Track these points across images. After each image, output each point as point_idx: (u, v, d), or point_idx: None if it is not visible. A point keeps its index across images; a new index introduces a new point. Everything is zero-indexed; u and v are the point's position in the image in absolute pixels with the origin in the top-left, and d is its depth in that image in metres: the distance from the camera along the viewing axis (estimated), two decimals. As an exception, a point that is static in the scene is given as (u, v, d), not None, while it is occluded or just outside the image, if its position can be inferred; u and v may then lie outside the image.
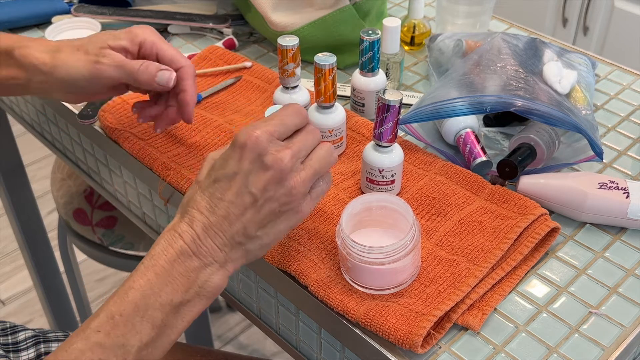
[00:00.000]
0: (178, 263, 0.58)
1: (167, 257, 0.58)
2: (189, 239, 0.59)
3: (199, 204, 0.60)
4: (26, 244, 1.54)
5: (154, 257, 0.59)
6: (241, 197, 0.59)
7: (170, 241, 0.59)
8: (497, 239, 0.69)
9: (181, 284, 0.58)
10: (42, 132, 1.12)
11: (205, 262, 0.59)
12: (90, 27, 1.02)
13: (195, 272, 0.59)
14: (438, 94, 0.78)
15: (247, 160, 0.59)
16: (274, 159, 0.58)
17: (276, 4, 0.92)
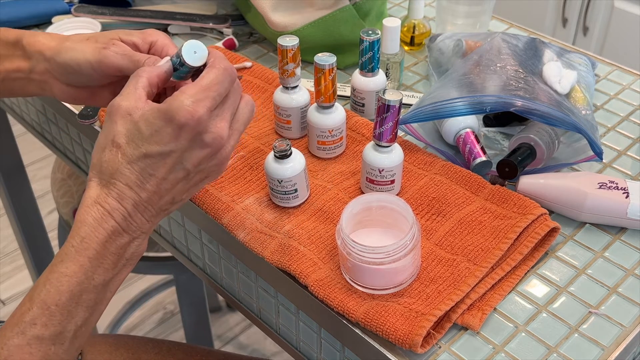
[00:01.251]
0: (109, 243, 0.57)
1: (99, 239, 0.57)
2: (120, 217, 0.57)
3: (128, 178, 0.57)
4: (26, 244, 1.54)
5: (85, 239, 0.57)
6: (174, 174, 0.58)
7: (100, 221, 0.57)
8: (497, 239, 0.69)
9: (112, 262, 0.58)
10: (42, 132, 1.12)
11: (134, 236, 0.59)
12: (90, 27, 1.02)
13: (125, 247, 0.58)
14: (438, 94, 0.78)
15: (185, 139, 0.56)
16: (214, 138, 0.57)
17: (276, 4, 0.92)
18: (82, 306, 0.57)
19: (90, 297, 0.58)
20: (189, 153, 0.57)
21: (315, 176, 0.78)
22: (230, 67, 0.59)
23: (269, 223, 0.72)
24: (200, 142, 0.57)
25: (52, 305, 0.56)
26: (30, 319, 0.56)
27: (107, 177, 0.58)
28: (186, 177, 0.58)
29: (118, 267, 0.59)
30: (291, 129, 0.82)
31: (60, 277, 0.57)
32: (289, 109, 0.81)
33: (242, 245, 0.71)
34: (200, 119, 0.56)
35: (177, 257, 0.94)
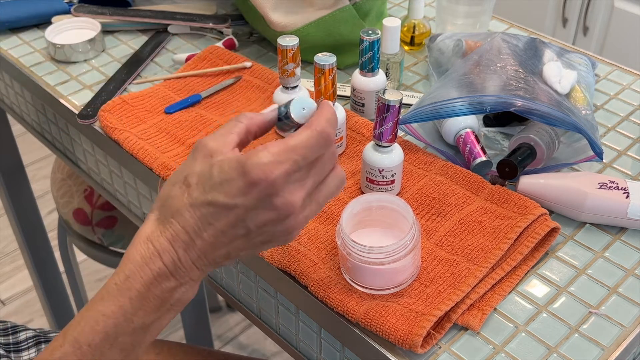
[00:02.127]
0: (154, 285, 0.54)
1: (143, 280, 0.54)
2: (169, 260, 0.54)
3: (187, 221, 0.53)
4: (26, 244, 1.54)
5: (129, 278, 0.54)
6: (234, 229, 0.53)
7: (147, 260, 0.54)
8: (497, 239, 0.69)
9: (155, 306, 0.55)
10: (42, 132, 1.12)
11: (182, 282, 0.55)
12: (90, 27, 1.02)
13: (171, 291, 0.55)
14: (438, 94, 0.78)
15: (254, 198, 0.52)
16: (284, 203, 0.52)
17: (276, 4, 0.92)
18: (116, 348, 0.55)
19: (127, 340, 0.55)
20: (255, 212, 0.52)
21: (315, 176, 0.78)
22: (327, 132, 0.54)
23: (269, 223, 0.72)
24: (269, 203, 0.52)
25: (84, 345, 0.54)
26: (60, 356, 0.54)
27: (167, 215, 0.54)
28: (246, 236, 0.54)
29: (161, 311, 0.55)
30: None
31: (97, 316, 0.54)
32: (289, 109, 0.80)
33: (242, 245, 0.71)
34: (274, 182, 0.51)
35: (177, 257, 0.93)
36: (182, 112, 0.87)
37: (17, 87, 1.10)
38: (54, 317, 1.66)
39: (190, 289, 0.56)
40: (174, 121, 0.86)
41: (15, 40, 1.04)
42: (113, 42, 1.04)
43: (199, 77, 0.93)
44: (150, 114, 0.87)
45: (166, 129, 0.85)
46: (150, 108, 0.88)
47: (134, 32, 1.06)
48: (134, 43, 1.03)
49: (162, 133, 0.84)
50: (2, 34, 1.06)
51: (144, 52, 0.99)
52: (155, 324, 0.56)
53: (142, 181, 0.89)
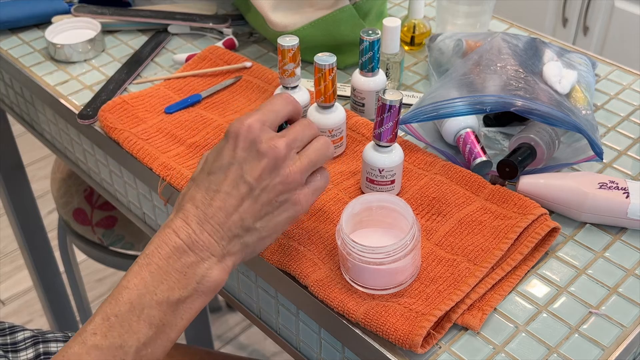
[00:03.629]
0: (173, 259, 0.57)
1: (161, 255, 0.57)
2: (184, 234, 0.58)
3: (194, 197, 0.59)
4: (26, 244, 1.54)
5: (148, 255, 0.58)
6: (237, 187, 0.58)
7: (164, 238, 0.58)
8: (497, 239, 0.69)
9: (177, 280, 0.57)
10: (42, 132, 1.12)
11: (202, 257, 0.58)
12: (90, 27, 1.02)
13: (193, 267, 0.58)
14: (438, 94, 0.78)
15: (242, 149, 0.58)
16: (268, 147, 0.58)
17: (276, 4, 0.92)
18: (144, 322, 0.56)
19: (154, 314, 0.57)
20: (247, 164, 0.58)
21: (315, 176, 0.78)
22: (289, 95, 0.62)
23: (269, 223, 0.72)
24: (255, 151, 0.58)
25: (112, 316, 0.56)
26: (92, 329, 0.56)
27: (179, 203, 0.60)
28: (250, 193, 0.58)
29: (188, 289, 0.57)
30: (291, 129, 0.82)
31: (121, 289, 0.57)
32: (289, 109, 0.80)
33: (242, 245, 0.71)
34: (250, 127, 0.58)
35: (177, 257, 0.93)
36: (182, 112, 0.87)
37: (17, 87, 1.10)
38: (54, 317, 1.66)
39: (214, 267, 0.58)
40: (174, 121, 0.86)
41: (15, 40, 1.04)
42: (113, 42, 1.04)
43: (199, 77, 0.93)
44: (150, 114, 0.87)
45: (166, 129, 0.85)
46: (150, 108, 0.88)
47: (134, 32, 1.06)
48: (134, 43, 1.03)
49: (162, 133, 0.84)
50: (2, 34, 1.06)
51: (144, 52, 0.99)
52: (185, 304, 0.58)
53: (142, 181, 0.89)
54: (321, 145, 0.62)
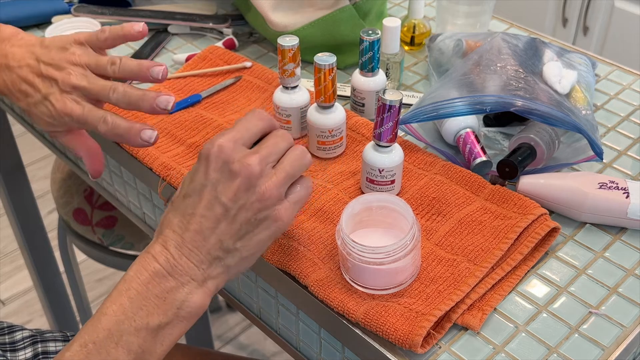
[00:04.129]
0: (152, 285, 0.57)
1: (140, 280, 0.57)
2: (163, 259, 0.57)
3: (171, 222, 0.58)
4: (26, 244, 1.54)
5: (127, 281, 0.57)
6: (212, 210, 0.57)
7: (144, 264, 0.57)
8: (497, 239, 0.69)
9: (157, 305, 0.56)
10: (42, 132, 1.12)
11: (182, 282, 0.57)
12: (90, 27, 1.02)
13: (172, 292, 0.57)
14: (438, 94, 0.78)
15: (214, 170, 0.57)
16: (240, 166, 0.57)
17: (276, 4, 0.92)
18: (122, 349, 0.56)
19: (133, 340, 0.56)
20: (222, 185, 0.57)
21: (315, 176, 0.78)
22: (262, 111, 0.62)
23: (269, 223, 0.72)
24: (227, 171, 0.57)
25: (89, 343, 0.56)
26: (69, 356, 0.56)
27: (159, 228, 0.60)
28: (226, 214, 0.57)
29: (168, 315, 0.57)
30: (291, 129, 0.82)
31: (99, 315, 0.56)
32: (288, 109, 0.80)
33: (242, 245, 0.71)
34: (220, 146, 0.57)
35: (177, 257, 0.93)
36: (182, 112, 0.87)
37: (17, 87, 1.10)
38: (54, 317, 1.66)
39: (195, 292, 0.58)
40: (174, 121, 0.86)
41: (15, 40, 1.04)
42: (113, 42, 1.04)
43: (199, 77, 0.93)
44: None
45: (166, 129, 0.85)
46: (150, 108, 0.88)
47: (134, 32, 1.06)
48: (134, 43, 1.03)
49: (162, 133, 0.84)
50: (2, 34, 1.06)
51: (144, 52, 0.99)
52: (165, 330, 0.57)
53: (142, 181, 0.89)
54: (296, 156, 0.60)
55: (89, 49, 0.72)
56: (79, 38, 0.72)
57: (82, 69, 0.70)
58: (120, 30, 0.72)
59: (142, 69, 0.70)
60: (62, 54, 0.71)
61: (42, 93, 0.70)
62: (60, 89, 0.70)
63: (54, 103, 0.70)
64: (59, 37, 0.73)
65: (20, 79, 0.72)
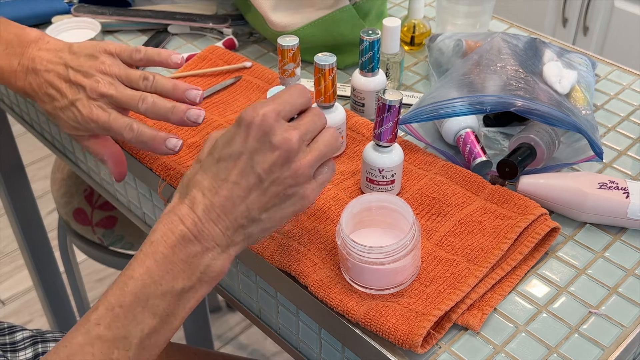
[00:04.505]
0: (179, 249, 0.57)
1: (167, 243, 0.57)
2: (190, 222, 0.57)
3: (201, 184, 0.58)
4: (26, 244, 1.54)
5: (153, 243, 0.57)
6: (246, 178, 0.57)
7: (170, 226, 0.57)
8: (497, 239, 0.69)
9: (182, 270, 0.57)
10: (42, 132, 1.12)
11: (208, 247, 0.58)
12: (90, 27, 1.02)
13: (198, 257, 0.57)
14: (438, 94, 0.78)
15: (254, 139, 0.57)
16: (281, 139, 0.57)
17: (276, 4, 0.92)
18: (148, 312, 0.56)
19: (158, 304, 0.57)
20: (259, 155, 0.57)
21: (315, 176, 0.78)
22: (304, 87, 0.61)
23: (269, 223, 0.72)
24: (267, 143, 0.57)
25: (116, 307, 0.56)
26: (95, 319, 0.56)
27: (185, 188, 0.59)
28: (259, 185, 0.57)
29: (192, 279, 0.57)
30: (291, 129, 0.82)
31: (126, 279, 0.57)
32: (289, 109, 0.80)
33: (242, 245, 0.71)
34: (264, 116, 0.57)
35: (177, 257, 0.93)
36: (182, 112, 0.87)
37: (17, 87, 1.10)
38: (54, 317, 1.66)
39: (219, 257, 0.58)
40: (174, 121, 0.86)
41: (15, 40, 1.04)
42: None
43: (199, 77, 0.93)
44: (150, 114, 0.87)
45: (166, 129, 0.84)
46: (150, 108, 0.88)
47: (134, 32, 1.06)
48: (134, 43, 1.03)
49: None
50: (2, 34, 1.06)
51: (144, 52, 0.99)
52: (189, 294, 0.58)
53: (142, 181, 0.89)
54: (331, 137, 0.61)
55: (119, 60, 0.73)
56: (109, 48, 0.73)
57: (111, 78, 0.71)
58: (157, 55, 0.73)
59: (177, 90, 0.71)
60: (91, 61, 0.72)
61: (69, 99, 0.71)
62: (87, 96, 0.71)
63: (81, 109, 0.71)
64: (88, 44, 0.74)
65: (47, 83, 0.73)
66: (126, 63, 0.74)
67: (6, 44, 0.75)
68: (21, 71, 0.74)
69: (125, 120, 0.71)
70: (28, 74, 0.74)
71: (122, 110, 0.72)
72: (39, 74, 0.73)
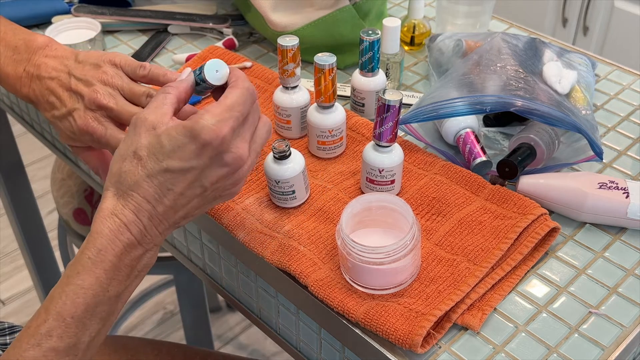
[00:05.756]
0: (125, 255, 0.58)
1: (115, 252, 0.57)
2: (136, 230, 0.58)
3: (146, 191, 0.57)
4: (26, 244, 1.54)
5: (101, 251, 0.57)
6: (192, 190, 0.58)
7: (116, 233, 0.57)
8: (497, 239, 0.69)
9: (126, 274, 0.59)
10: (42, 132, 1.12)
11: (147, 248, 0.59)
12: (90, 27, 1.02)
13: (139, 259, 0.59)
14: (438, 94, 0.78)
15: (207, 157, 0.57)
16: (234, 157, 0.58)
17: (276, 4, 0.92)
18: (96, 318, 0.58)
19: (104, 309, 0.58)
20: (209, 171, 0.58)
21: (315, 176, 0.78)
22: (252, 87, 0.61)
23: (269, 223, 0.72)
24: (220, 160, 0.58)
25: (67, 318, 0.56)
26: (46, 331, 0.56)
27: (125, 188, 0.58)
28: (202, 194, 0.59)
29: (130, 278, 0.59)
30: (291, 129, 0.82)
31: (76, 289, 0.57)
32: (289, 109, 0.80)
33: (242, 245, 0.71)
34: (224, 139, 0.57)
35: (177, 257, 0.94)
36: (182, 112, 0.87)
37: (17, 87, 1.10)
38: (54, 317, 1.66)
39: (154, 254, 0.61)
40: (174, 121, 0.86)
41: (15, 40, 1.04)
42: (113, 42, 1.04)
43: (199, 77, 0.93)
44: (150, 114, 0.87)
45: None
46: (150, 108, 0.88)
47: (134, 32, 1.06)
48: (134, 43, 1.03)
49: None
50: (2, 34, 1.06)
51: (144, 52, 0.99)
52: (126, 291, 0.60)
53: (142, 181, 0.89)
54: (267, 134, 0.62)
55: (122, 73, 0.71)
56: (114, 60, 0.71)
57: (112, 89, 0.69)
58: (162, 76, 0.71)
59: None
60: (94, 71, 0.70)
61: (68, 107, 0.70)
62: (85, 106, 0.69)
63: (77, 119, 0.69)
64: (94, 53, 0.72)
65: (49, 90, 0.71)
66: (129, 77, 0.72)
67: (14, 49, 0.74)
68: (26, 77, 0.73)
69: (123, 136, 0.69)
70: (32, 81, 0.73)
71: (119, 125, 0.70)
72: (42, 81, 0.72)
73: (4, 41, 0.75)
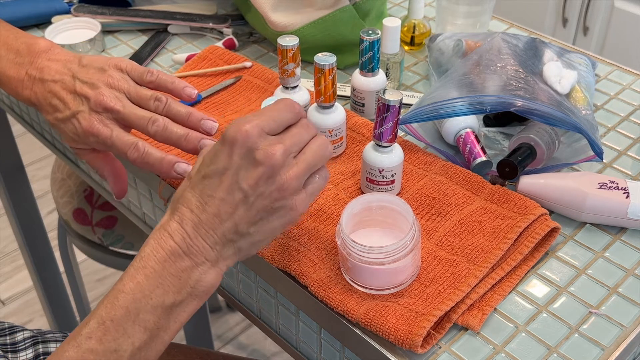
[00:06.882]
0: (169, 263, 0.57)
1: (157, 258, 0.57)
2: (179, 238, 0.58)
3: (189, 201, 0.58)
4: (26, 244, 1.54)
5: (143, 258, 0.58)
6: (232, 194, 0.58)
7: (160, 241, 0.58)
8: (497, 239, 0.69)
9: (172, 284, 0.57)
10: (42, 132, 1.12)
11: (197, 262, 0.58)
12: (90, 27, 1.02)
13: (187, 272, 0.58)
14: (438, 94, 0.78)
15: (238, 156, 0.57)
16: (265, 154, 0.57)
17: (276, 4, 0.92)
18: (139, 326, 0.57)
19: (149, 318, 0.57)
20: (243, 172, 0.57)
21: (315, 176, 0.78)
22: (289, 99, 0.61)
23: (269, 223, 0.72)
24: (251, 158, 0.57)
25: (107, 320, 0.56)
26: (87, 333, 0.56)
27: (174, 204, 0.60)
28: (245, 200, 0.58)
29: (182, 293, 0.58)
30: (291, 129, 0.82)
31: (116, 293, 0.57)
32: (289, 109, 0.80)
33: (242, 245, 0.71)
34: (247, 133, 0.57)
35: (177, 257, 0.93)
36: (182, 112, 0.87)
37: (17, 87, 1.10)
38: (54, 317, 1.66)
39: (209, 272, 0.59)
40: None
41: (15, 40, 1.04)
42: (113, 42, 1.04)
43: (199, 77, 0.93)
44: (150, 114, 0.87)
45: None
46: (150, 108, 0.88)
47: (134, 32, 1.06)
48: (134, 43, 1.03)
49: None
50: (2, 34, 1.06)
51: (144, 52, 0.99)
52: (179, 308, 0.58)
53: (142, 181, 0.89)
54: (319, 147, 0.60)
55: (128, 77, 0.71)
56: (120, 64, 0.72)
57: (118, 92, 0.70)
58: (169, 83, 0.71)
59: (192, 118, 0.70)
60: (100, 74, 0.71)
61: (72, 110, 0.70)
62: (90, 108, 0.69)
63: (81, 121, 0.70)
64: (99, 58, 0.73)
65: (52, 93, 0.72)
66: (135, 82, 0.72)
67: (16, 52, 0.74)
68: (28, 80, 0.73)
69: (130, 139, 0.70)
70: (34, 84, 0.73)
71: (124, 128, 0.71)
72: (45, 84, 0.72)
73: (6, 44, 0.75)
